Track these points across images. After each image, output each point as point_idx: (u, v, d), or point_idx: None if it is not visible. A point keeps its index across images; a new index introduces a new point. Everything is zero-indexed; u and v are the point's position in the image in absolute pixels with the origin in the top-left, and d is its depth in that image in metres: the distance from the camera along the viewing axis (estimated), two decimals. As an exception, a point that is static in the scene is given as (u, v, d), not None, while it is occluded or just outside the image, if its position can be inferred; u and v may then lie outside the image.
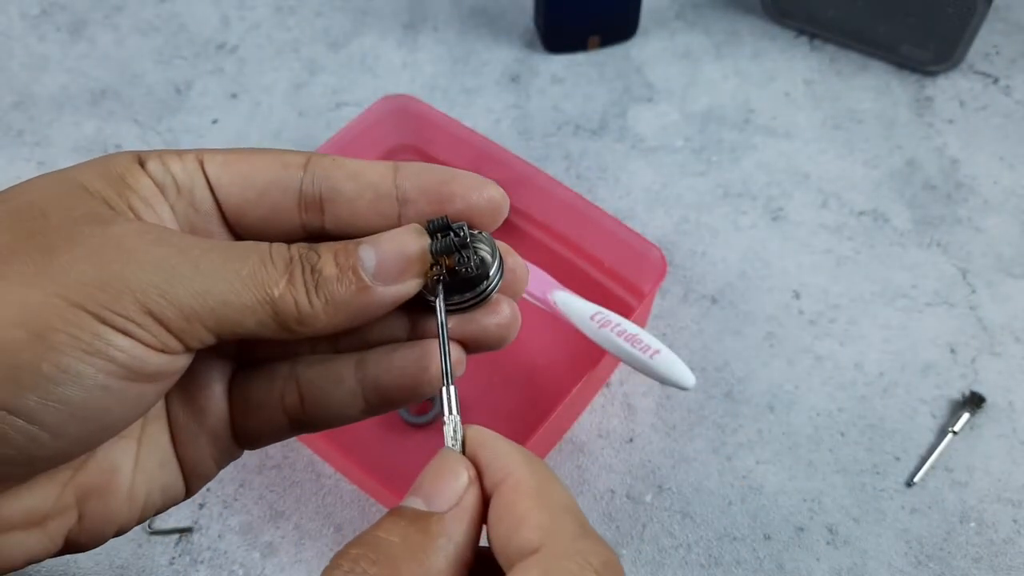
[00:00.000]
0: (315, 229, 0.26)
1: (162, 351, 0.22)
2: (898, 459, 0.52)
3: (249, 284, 0.23)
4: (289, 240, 0.25)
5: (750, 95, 0.69)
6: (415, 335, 0.27)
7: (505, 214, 0.27)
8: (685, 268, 0.59)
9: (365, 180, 0.25)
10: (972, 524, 0.49)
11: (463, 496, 0.22)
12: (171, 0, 0.75)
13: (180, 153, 0.25)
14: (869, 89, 0.69)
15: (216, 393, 0.26)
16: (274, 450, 0.52)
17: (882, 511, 0.50)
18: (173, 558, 0.48)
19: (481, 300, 0.26)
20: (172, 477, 0.26)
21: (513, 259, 0.27)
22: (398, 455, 0.51)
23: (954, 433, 0.52)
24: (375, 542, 0.21)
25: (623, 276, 0.56)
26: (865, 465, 0.51)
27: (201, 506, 0.50)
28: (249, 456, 0.52)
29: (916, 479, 0.51)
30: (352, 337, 0.27)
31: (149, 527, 0.49)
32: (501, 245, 0.27)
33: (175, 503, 0.27)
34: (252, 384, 0.27)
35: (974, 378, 0.54)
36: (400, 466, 0.51)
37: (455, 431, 0.24)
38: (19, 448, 0.21)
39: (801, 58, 0.71)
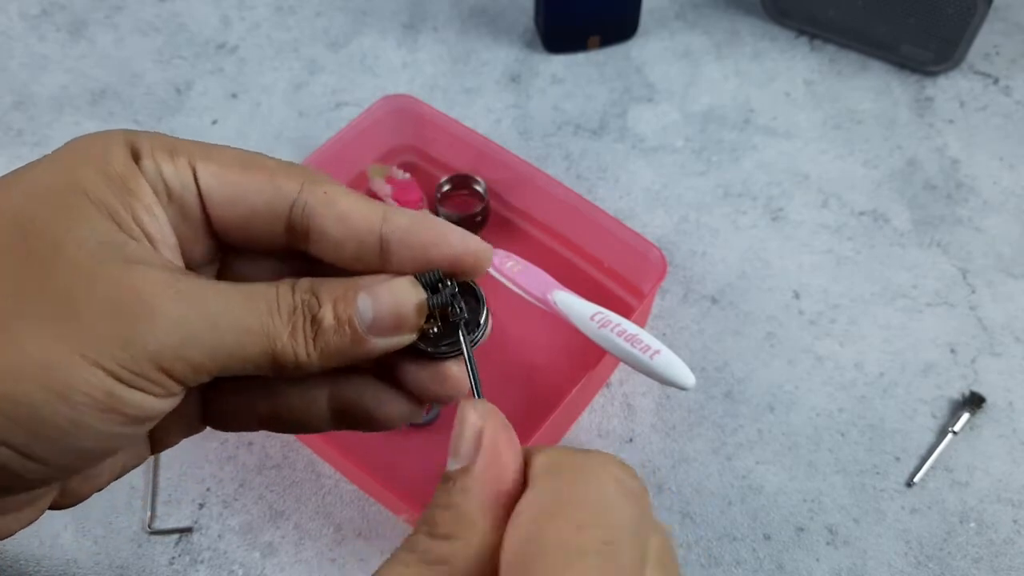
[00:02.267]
0: (298, 249, 0.27)
1: (166, 398, 0.23)
2: (898, 459, 0.52)
3: (257, 338, 0.24)
4: (270, 250, 0.26)
5: (750, 95, 0.69)
6: (379, 370, 0.28)
7: (486, 269, 0.27)
8: (685, 268, 0.59)
9: (351, 226, 0.26)
10: (972, 524, 0.49)
11: (484, 440, 0.22)
12: (171, 0, 0.75)
13: (172, 153, 0.25)
14: (869, 89, 0.69)
15: (193, 396, 0.27)
16: (274, 450, 0.52)
17: (882, 511, 0.50)
18: (173, 558, 0.48)
19: (473, 346, 0.27)
20: (142, 449, 0.28)
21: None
22: (398, 455, 0.51)
23: (954, 433, 0.52)
24: (428, 517, 0.22)
25: (623, 276, 0.56)
26: (865, 465, 0.51)
27: (201, 506, 0.50)
28: (249, 456, 0.52)
29: (916, 479, 0.51)
30: None
31: (149, 527, 0.49)
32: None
33: (135, 467, 0.28)
34: (228, 391, 0.28)
35: (974, 378, 0.54)
36: (400, 466, 0.51)
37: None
38: (18, 475, 0.22)
39: (801, 58, 0.71)
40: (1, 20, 0.73)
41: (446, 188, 0.60)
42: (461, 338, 0.26)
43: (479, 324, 0.27)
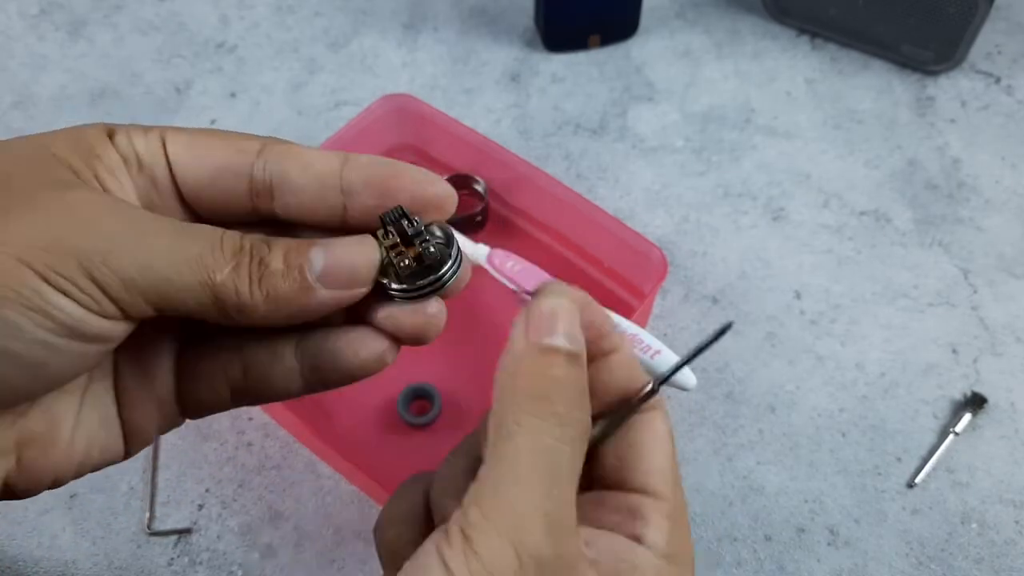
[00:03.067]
0: (266, 214, 0.27)
1: (101, 315, 0.23)
2: (899, 460, 0.51)
3: (193, 266, 0.23)
4: (242, 223, 0.26)
5: (751, 95, 0.69)
6: (351, 320, 0.27)
7: (451, 210, 0.27)
8: (686, 268, 0.59)
9: (313, 171, 0.26)
10: (974, 525, 0.49)
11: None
12: (170, 0, 0.75)
13: (146, 129, 0.26)
14: (870, 89, 0.69)
15: (164, 361, 0.27)
16: (273, 450, 0.52)
17: (883, 512, 0.50)
18: (172, 559, 0.48)
19: (441, 286, 0.26)
20: (112, 437, 0.27)
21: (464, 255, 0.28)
22: (398, 455, 0.51)
23: (956, 434, 0.52)
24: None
25: (623, 276, 0.56)
26: (866, 466, 0.51)
27: (200, 507, 0.50)
28: (248, 457, 0.51)
29: (917, 480, 0.51)
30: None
31: (148, 528, 0.49)
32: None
33: (112, 463, 0.27)
34: (199, 355, 0.28)
35: (976, 378, 0.54)
36: (400, 466, 0.51)
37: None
38: None
39: (802, 57, 0.71)
40: (1, 20, 0.73)
41: (446, 188, 0.60)
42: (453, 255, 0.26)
43: (455, 260, 0.26)
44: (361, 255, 0.25)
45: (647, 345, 0.46)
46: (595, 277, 0.57)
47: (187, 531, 0.49)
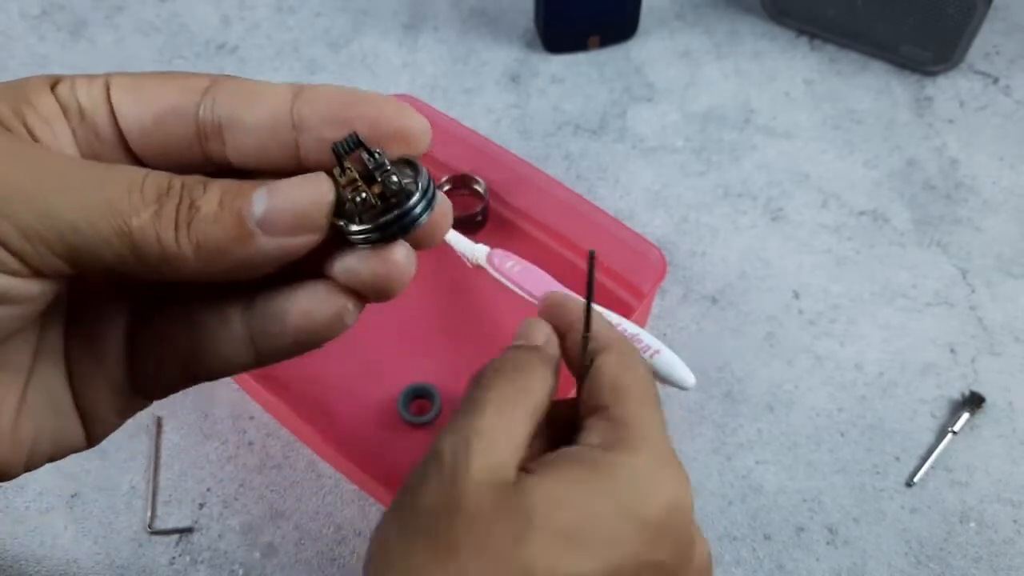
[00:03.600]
0: (221, 162, 0.24)
1: (5, 272, 0.20)
2: (898, 459, 0.52)
3: (104, 211, 0.20)
4: (190, 168, 0.23)
5: (750, 95, 0.69)
6: (303, 276, 0.24)
7: (425, 147, 0.23)
8: (685, 268, 0.59)
9: (264, 108, 0.23)
10: (972, 524, 0.49)
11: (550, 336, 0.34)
12: (171, 0, 0.75)
13: (91, 77, 0.24)
14: (869, 89, 0.69)
15: (114, 337, 0.25)
16: (274, 450, 0.52)
17: (882, 511, 0.50)
18: (173, 558, 0.48)
19: (409, 224, 0.22)
20: (67, 422, 0.24)
21: (440, 195, 0.24)
22: (398, 455, 0.51)
23: (954, 433, 0.52)
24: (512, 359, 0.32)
25: (623, 276, 0.56)
26: (865, 465, 0.51)
27: (201, 506, 0.50)
28: (249, 456, 0.52)
29: (916, 479, 0.51)
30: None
31: (149, 527, 0.49)
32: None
33: (72, 451, 0.25)
34: (148, 327, 0.25)
35: (974, 378, 0.54)
36: (400, 466, 0.51)
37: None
38: None
39: (801, 58, 0.71)
40: (1, 20, 0.73)
41: (446, 188, 0.60)
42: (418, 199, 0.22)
43: (424, 192, 0.22)
44: (310, 194, 0.21)
45: (646, 345, 0.46)
46: (595, 277, 0.57)
47: (188, 530, 0.49)
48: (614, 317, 0.47)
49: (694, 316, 0.57)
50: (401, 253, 0.23)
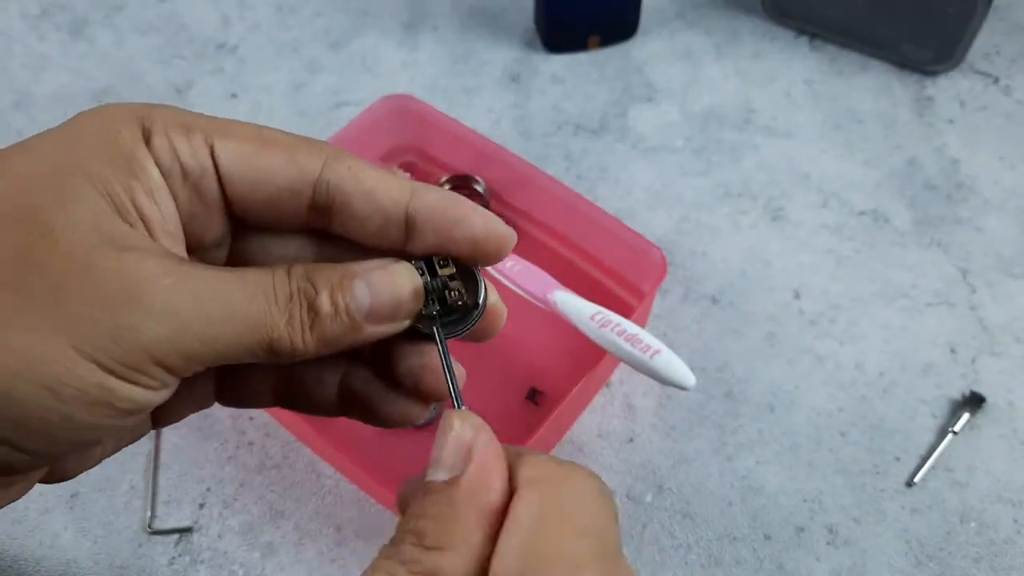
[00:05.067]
0: (319, 227, 0.26)
1: (160, 389, 0.23)
2: (898, 459, 0.52)
3: (253, 328, 0.23)
4: (291, 228, 0.26)
5: (750, 95, 0.69)
6: (378, 362, 0.28)
7: (509, 251, 0.26)
8: (685, 268, 0.59)
9: (378, 203, 0.25)
10: (972, 524, 0.49)
11: (475, 455, 0.23)
12: (171, 0, 0.75)
13: (188, 130, 0.24)
14: (869, 89, 0.69)
15: (207, 374, 0.26)
16: (274, 450, 0.52)
17: (882, 511, 0.50)
18: (173, 558, 0.48)
19: (465, 331, 0.26)
20: (141, 428, 0.27)
21: (494, 296, 0.27)
22: (398, 455, 0.51)
23: (954, 433, 0.52)
24: (415, 528, 0.22)
25: (623, 276, 0.56)
26: (865, 465, 0.51)
27: (201, 506, 0.50)
28: (249, 456, 0.52)
29: (916, 479, 0.51)
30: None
31: (149, 527, 0.49)
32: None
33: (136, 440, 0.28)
34: (241, 369, 0.27)
35: (974, 378, 0.54)
36: (400, 466, 0.51)
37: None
38: (8, 466, 0.22)
39: (801, 58, 0.71)
40: (1, 20, 0.73)
41: (446, 188, 0.60)
42: (436, 332, 0.26)
43: (478, 305, 0.26)
44: (406, 286, 0.25)
45: (647, 345, 0.46)
46: (595, 277, 0.57)
47: (188, 530, 0.49)
48: (614, 317, 0.47)
49: (694, 316, 0.57)
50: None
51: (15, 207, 0.22)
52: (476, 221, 0.25)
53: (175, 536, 0.49)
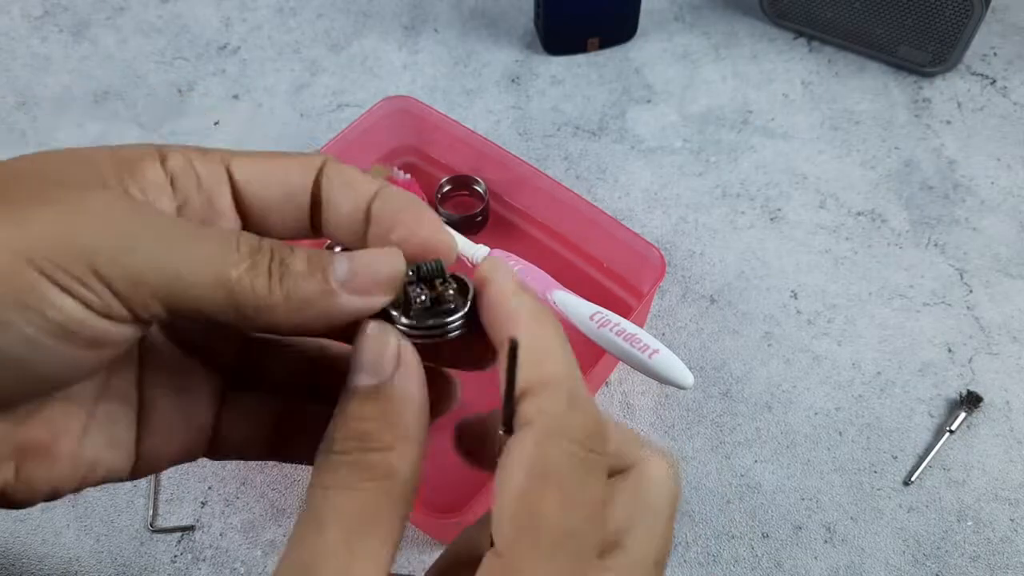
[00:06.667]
0: (319, 233, 0.27)
1: (106, 316, 0.22)
2: (895, 458, 0.52)
3: (206, 261, 0.22)
4: (296, 237, 0.26)
5: (748, 96, 0.69)
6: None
7: (451, 260, 0.27)
8: (684, 268, 0.60)
9: (351, 194, 0.26)
10: (969, 523, 0.50)
11: (402, 356, 0.24)
12: (173, 1, 0.75)
13: (205, 152, 0.25)
14: (867, 90, 0.69)
15: (207, 394, 0.27)
16: (275, 449, 0.52)
17: (880, 510, 0.50)
18: (175, 556, 0.49)
19: (443, 334, 0.25)
20: (121, 461, 0.26)
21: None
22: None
23: (951, 432, 0.52)
24: (357, 431, 0.23)
25: (622, 276, 0.57)
26: (863, 464, 0.52)
27: (203, 504, 0.50)
28: (250, 455, 0.52)
29: (913, 478, 0.51)
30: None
31: (151, 526, 0.49)
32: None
33: (114, 480, 0.27)
34: (243, 404, 0.28)
35: (971, 378, 0.55)
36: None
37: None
38: None
39: (799, 59, 0.71)
40: (4, 21, 0.74)
41: (446, 189, 0.61)
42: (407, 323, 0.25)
43: (467, 312, 0.25)
44: (386, 263, 0.25)
45: (645, 345, 0.46)
46: (594, 277, 0.58)
47: (190, 528, 0.49)
48: (613, 317, 0.48)
49: (693, 316, 0.57)
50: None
51: (20, 171, 0.23)
52: (423, 224, 0.26)
53: (177, 534, 0.49)
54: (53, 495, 0.25)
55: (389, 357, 0.23)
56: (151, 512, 0.50)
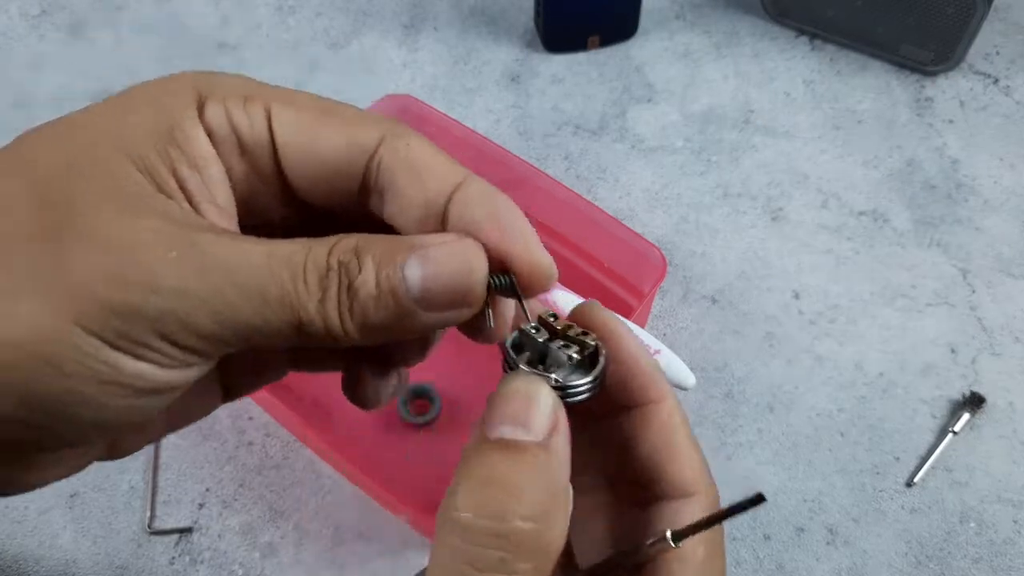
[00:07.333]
0: (375, 214, 0.24)
1: (179, 367, 0.21)
2: (898, 459, 0.52)
3: (277, 308, 0.20)
4: (349, 213, 0.24)
5: (750, 95, 0.69)
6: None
7: (548, 288, 0.24)
8: (685, 268, 0.59)
9: (422, 185, 0.23)
10: (972, 524, 0.49)
11: (558, 421, 0.21)
12: (171, 0, 0.75)
13: (247, 99, 0.23)
14: (869, 89, 0.69)
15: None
16: (274, 450, 0.52)
17: (882, 511, 0.50)
18: (173, 558, 0.48)
19: (590, 396, 0.23)
20: (211, 407, 0.27)
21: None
22: (398, 455, 0.51)
23: (954, 433, 0.52)
24: (486, 482, 0.20)
25: (623, 276, 0.56)
26: (865, 465, 0.51)
27: (201, 506, 0.50)
28: (249, 456, 0.52)
29: (916, 479, 0.51)
30: None
31: (149, 527, 0.49)
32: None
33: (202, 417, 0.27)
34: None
35: (974, 378, 0.54)
36: (400, 466, 0.51)
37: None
38: (33, 443, 0.21)
39: (801, 58, 0.71)
40: (1, 20, 0.73)
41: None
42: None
43: (599, 375, 0.22)
44: (463, 268, 0.21)
45: (646, 345, 0.46)
46: (595, 277, 0.57)
47: (188, 530, 0.49)
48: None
49: (694, 316, 0.57)
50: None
51: (43, 178, 0.21)
52: (523, 243, 0.23)
53: (175, 536, 0.49)
54: (142, 447, 0.25)
55: (545, 416, 0.21)
56: (149, 514, 0.49)
